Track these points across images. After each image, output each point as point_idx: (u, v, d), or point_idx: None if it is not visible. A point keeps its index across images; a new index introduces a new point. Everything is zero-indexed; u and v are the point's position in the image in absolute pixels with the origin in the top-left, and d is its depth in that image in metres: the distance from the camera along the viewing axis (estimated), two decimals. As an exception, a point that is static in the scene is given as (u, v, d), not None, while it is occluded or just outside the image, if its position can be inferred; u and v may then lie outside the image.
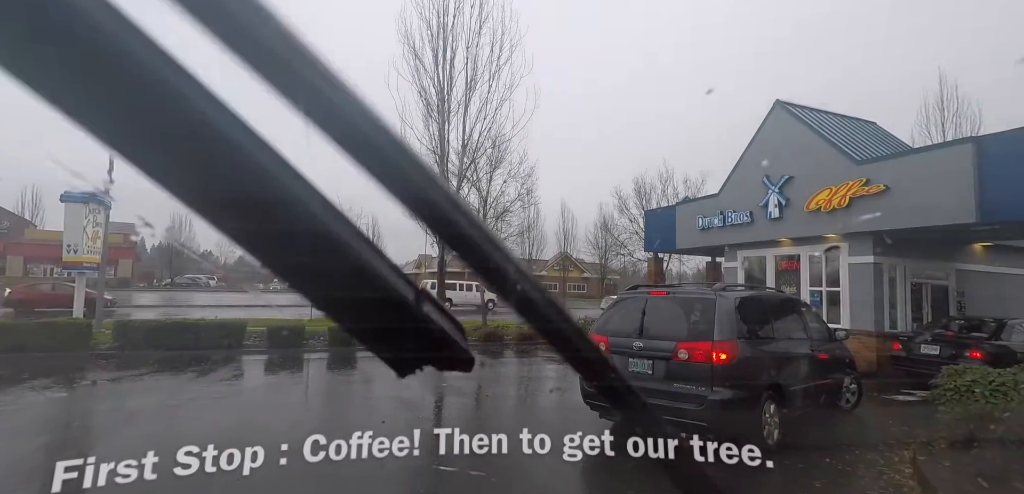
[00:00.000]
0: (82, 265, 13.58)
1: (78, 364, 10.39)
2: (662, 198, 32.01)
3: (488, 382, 10.62)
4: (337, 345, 13.01)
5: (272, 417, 7.04)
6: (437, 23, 14.49)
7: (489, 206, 16.30)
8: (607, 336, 6.05)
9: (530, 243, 58.55)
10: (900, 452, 5.55)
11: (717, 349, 5.20)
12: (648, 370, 5.57)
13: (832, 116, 14.28)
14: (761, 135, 14.31)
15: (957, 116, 22.43)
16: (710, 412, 5.07)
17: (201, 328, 12.34)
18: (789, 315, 6.80)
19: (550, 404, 9.04)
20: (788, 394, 5.77)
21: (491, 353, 13.77)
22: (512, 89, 14.58)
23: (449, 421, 7.38)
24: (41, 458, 5.38)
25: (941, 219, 10.03)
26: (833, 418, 7.10)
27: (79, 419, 7.09)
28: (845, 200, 11.48)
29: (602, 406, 6.09)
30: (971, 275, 13.91)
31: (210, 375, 9.80)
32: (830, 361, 6.98)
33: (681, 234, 16.97)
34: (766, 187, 13.49)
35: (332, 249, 0.35)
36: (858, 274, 11.80)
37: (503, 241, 0.45)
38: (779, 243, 13.71)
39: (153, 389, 8.67)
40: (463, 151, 14.62)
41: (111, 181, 13.74)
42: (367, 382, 9.95)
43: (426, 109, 14.61)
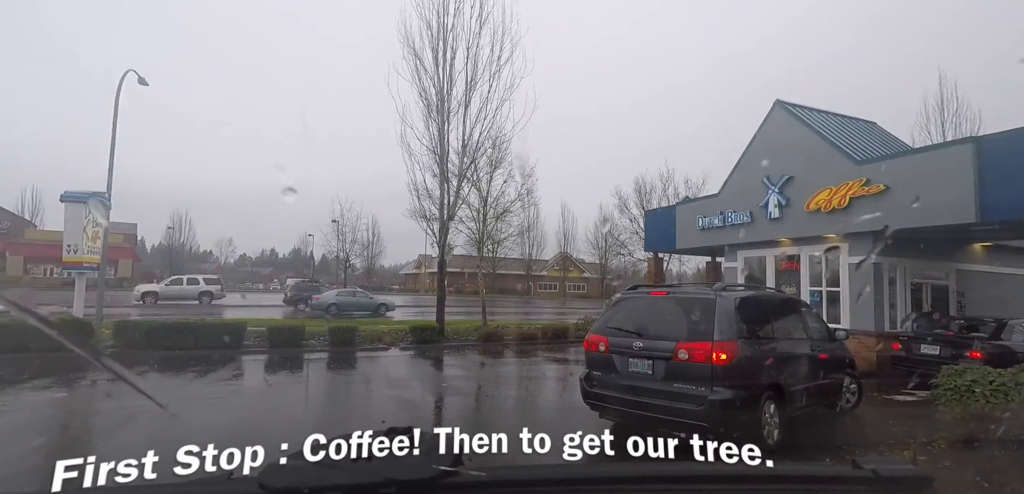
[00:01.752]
0: (82, 265, 13.57)
1: (78, 364, 10.39)
2: (662, 198, 32.04)
3: (488, 382, 10.62)
4: (337, 345, 13.03)
5: (272, 417, 7.03)
6: (437, 23, 14.49)
7: (489, 206, 16.30)
8: (607, 336, 6.05)
9: (530, 243, 58.74)
10: (900, 452, 5.55)
11: (717, 349, 5.19)
12: (648, 370, 5.57)
13: (832, 116, 14.28)
14: (761, 135, 14.31)
15: (957, 116, 22.44)
16: (710, 412, 5.07)
17: (201, 328, 12.34)
18: (789, 315, 6.80)
19: (550, 403, 9.04)
20: (788, 394, 5.77)
21: (491, 353, 13.78)
22: (512, 89, 14.56)
23: (449, 421, 7.38)
24: (40, 458, 5.38)
25: (941, 219, 10.03)
26: (833, 418, 7.09)
27: (78, 419, 7.09)
28: (845, 200, 11.48)
29: (602, 406, 6.10)
30: (971, 275, 13.91)
31: (210, 375, 9.81)
32: (830, 361, 6.97)
33: (681, 234, 16.96)
34: (766, 187, 13.49)
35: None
36: (858, 274, 11.80)
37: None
38: (779, 243, 13.71)
39: (154, 389, 8.66)
40: (463, 151, 14.61)
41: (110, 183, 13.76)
42: (367, 382, 9.95)
43: (426, 109, 14.60)
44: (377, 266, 64.84)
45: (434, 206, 15.03)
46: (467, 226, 16.77)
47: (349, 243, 43.26)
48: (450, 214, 14.96)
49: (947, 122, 22.47)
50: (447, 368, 11.56)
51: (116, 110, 14.15)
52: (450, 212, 14.94)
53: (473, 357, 13.10)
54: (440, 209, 14.92)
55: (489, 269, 44.19)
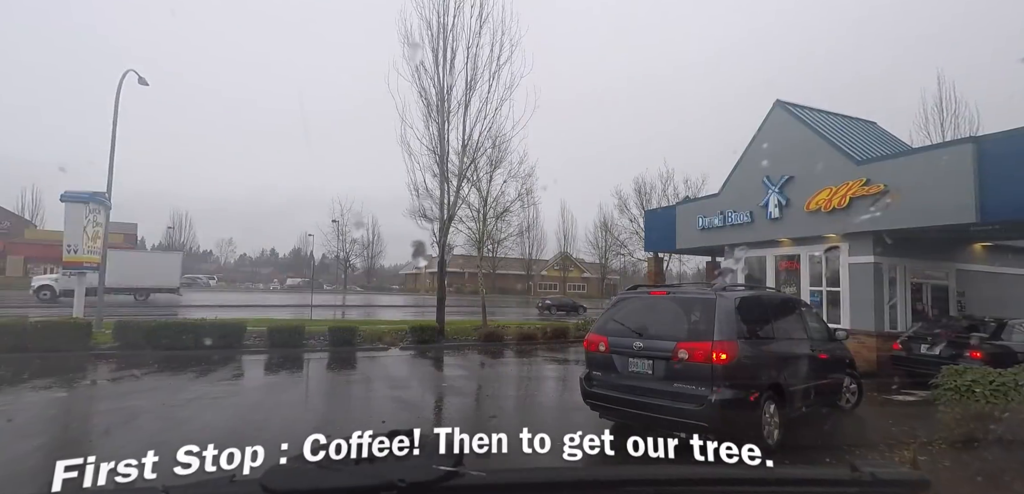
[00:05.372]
0: (82, 265, 13.58)
1: (78, 364, 10.39)
2: (662, 198, 32.01)
3: (489, 382, 10.62)
4: (337, 345, 13.04)
5: (272, 417, 7.03)
6: (437, 23, 14.49)
7: (489, 206, 16.29)
8: (607, 336, 6.05)
9: (530, 243, 58.75)
10: (900, 452, 5.55)
11: (717, 349, 5.19)
12: (648, 370, 5.56)
13: (832, 116, 14.27)
14: (761, 135, 14.30)
15: (956, 117, 22.42)
16: (710, 412, 5.06)
17: (201, 328, 12.35)
18: (789, 315, 6.79)
19: (550, 403, 9.04)
20: (788, 394, 5.77)
21: (491, 353, 13.78)
22: (512, 89, 14.57)
23: (449, 421, 7.38)
24: (40, 458, 5.38)
25: (941, 219, 10.02)
26: (833, 418, 7.09)
27: (78, 419, 7.09)
28: (845, 200, 11.47)
29: (602, 406, 6.10)
30: (971, 275, 13.91)
31: (210, 375, 9.80)
32: (830, 361, 6.97)
33: (681, 234, 16.96)
34: (766, 187, 13.49)
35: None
36: (858, 274, 11.80)
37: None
38: (779, 243, 13.71)
39: (153, 389, 8.66)
40: (463, 151, 14.61)
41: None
42: (367, 382, 9.95)
43: (426, 109, 14.60)
44: (377, 266, 64.89)
45: (434, 206, 15.05)
46: (467, 226, 16.79)
47: (349, 243, 43.26)
48: (450, 214, 14.96)
49: (946, 122, 22.47)
50: (447, 368, 11.56)
51: (116, 110, 14.17)
52: (450, 212, 14.93)
53: (473, 357, 13.10)
54: (440, 209, 14.93)
55: (489, 269, 44.18)
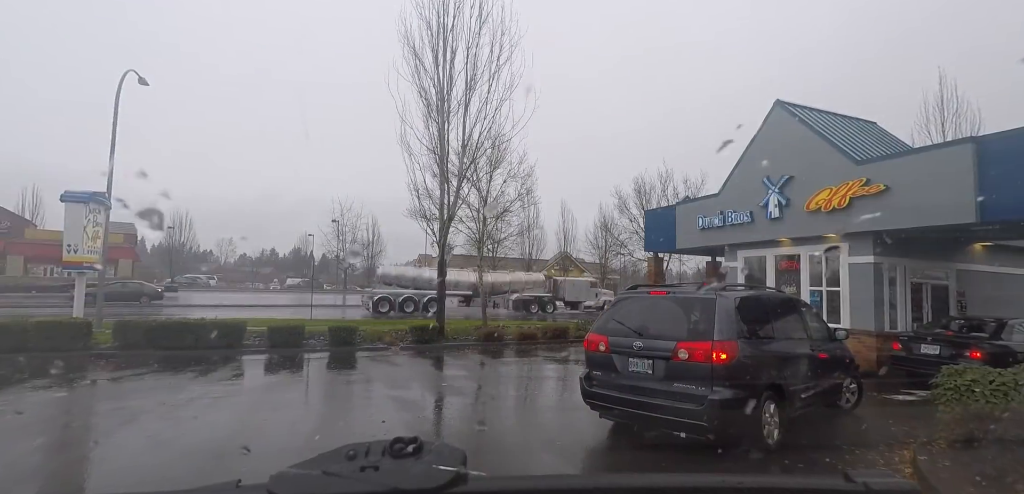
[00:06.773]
0: (82, 265, 13.57)
1: (79, 363, 10.39)
2: (662, 198, 31.97)
3: (489, 381, 10.62)
4: (337, 345, 13.04)
5: (273, 417, 7.02)
6: (437, 23, 14.49)
7: (489, 206, 16.29)
8: (607, 336, 6.05)
9: (530, 243, 58.66)
10: (900, 452, 5.55)
11: (717, 349, 5.19)
12: (648, 370, 5.56)
13: (832, 116, 14.27)
14: (761, 135, 14.30)
15: (957, 116, 22.39)
16: (710, 412, 5.06)
17: (201, 328, 12.34)
18: (789, 315, 6.79)
19: (550, 403, 9.04)
20: (788, 394, 5.77)
21: (491, 352, 13.77)
22: (512, 89, 14.56)
23: (450, 421, 7.38)
24: (40, 458, 5.38)
25: (941, 219, 10.02)
26: (833, 418, 7.10)
27: (79, 419, 7.08)
28: (845, 200, 11.47)
29: (602, 406, 6.10)
30: (971, 275, 13.91)
31: (210, 375, 9.80)
32: (830, 361, 6.98)
33: (681, 234, 16.96)
34: (766, 187, 13.49)
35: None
36: (858, 274, 11.80)
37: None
38: (779, 243, 13.71)
39: (153, 388, 8.66)
40: (463, 151, 14.60)
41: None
42: (367, 382, 9.94)
43: (426, 109, 14.60)
44: (377, 266, 64.76)
45: (434, 206, 15.04)
46: (467, 226, 16.78)
47: (349, 243, 43.20)
48: (450, 214, 14.96)
49: (947, 122, 22.44)
50: (447, 368, 11.55)
51: (116, 110, 14.17)
52: (450, 212, 14.93)
53: (473, 357, 13.09)
54: (440, 209, 14.92)
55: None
